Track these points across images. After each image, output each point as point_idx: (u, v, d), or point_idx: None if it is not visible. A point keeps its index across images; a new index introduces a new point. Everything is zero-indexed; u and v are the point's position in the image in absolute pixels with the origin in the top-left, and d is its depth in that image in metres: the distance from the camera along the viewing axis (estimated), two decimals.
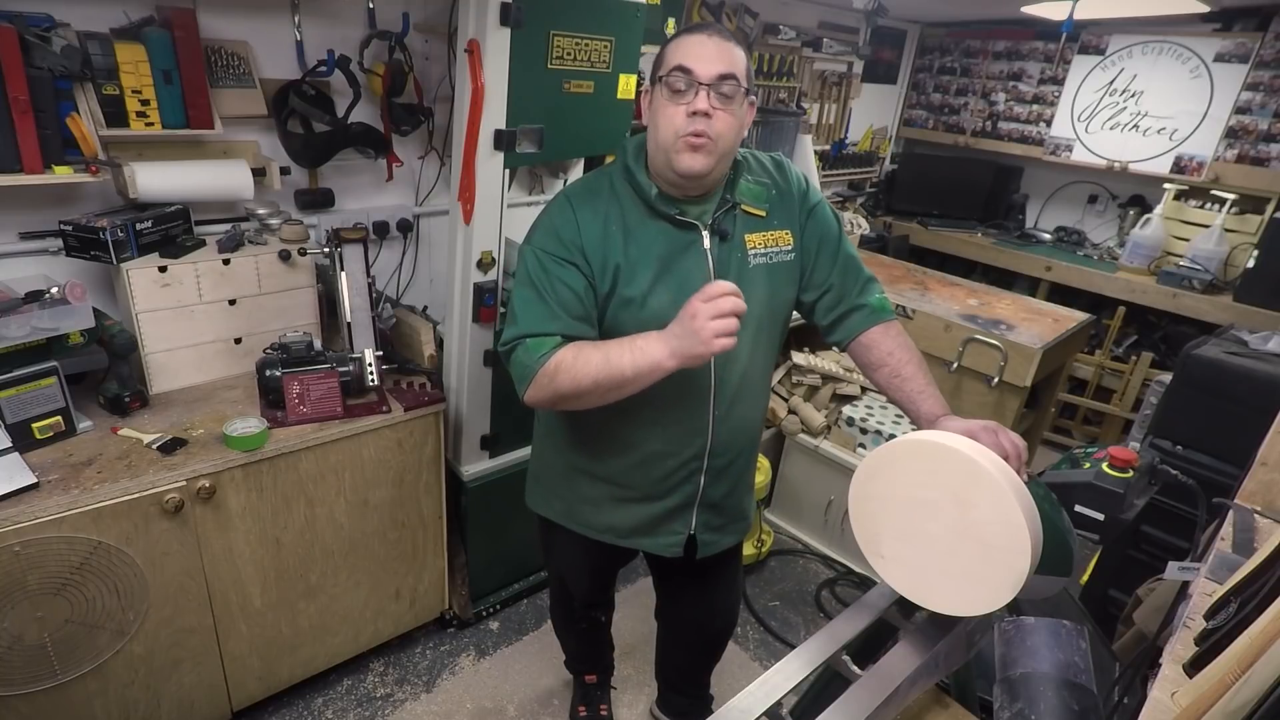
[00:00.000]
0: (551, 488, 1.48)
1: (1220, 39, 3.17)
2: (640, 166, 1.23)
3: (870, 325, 1.32)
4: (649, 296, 1.20)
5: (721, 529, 1.44)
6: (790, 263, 1.30)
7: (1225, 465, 1.86)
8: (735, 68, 1.14)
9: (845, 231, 1.38)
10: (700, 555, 1.43)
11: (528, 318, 1.18)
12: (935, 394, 1.25)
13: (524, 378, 1.17)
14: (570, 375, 1.13)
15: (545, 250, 1.21)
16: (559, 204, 1.25)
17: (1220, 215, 3.17)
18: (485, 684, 2.05)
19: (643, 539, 1.42)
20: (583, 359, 1.12)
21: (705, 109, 1.12)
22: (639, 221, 1.22)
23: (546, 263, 1.20)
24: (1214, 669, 0.75)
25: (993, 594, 0.98)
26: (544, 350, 1.15)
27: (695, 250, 1.22)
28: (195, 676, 1.65)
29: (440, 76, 2.14)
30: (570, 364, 1.13)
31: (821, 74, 3.61)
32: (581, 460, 1.39)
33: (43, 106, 1.45)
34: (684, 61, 1.12)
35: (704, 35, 1.14)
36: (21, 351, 1.45)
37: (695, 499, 1.37)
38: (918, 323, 2.72)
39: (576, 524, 1.46)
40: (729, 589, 1.66)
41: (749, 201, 1.26)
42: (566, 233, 1.20)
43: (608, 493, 1.39)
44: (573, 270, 1.19)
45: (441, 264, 2.38)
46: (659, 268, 1.21)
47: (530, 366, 1.16)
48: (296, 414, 1.65)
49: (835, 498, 2.62)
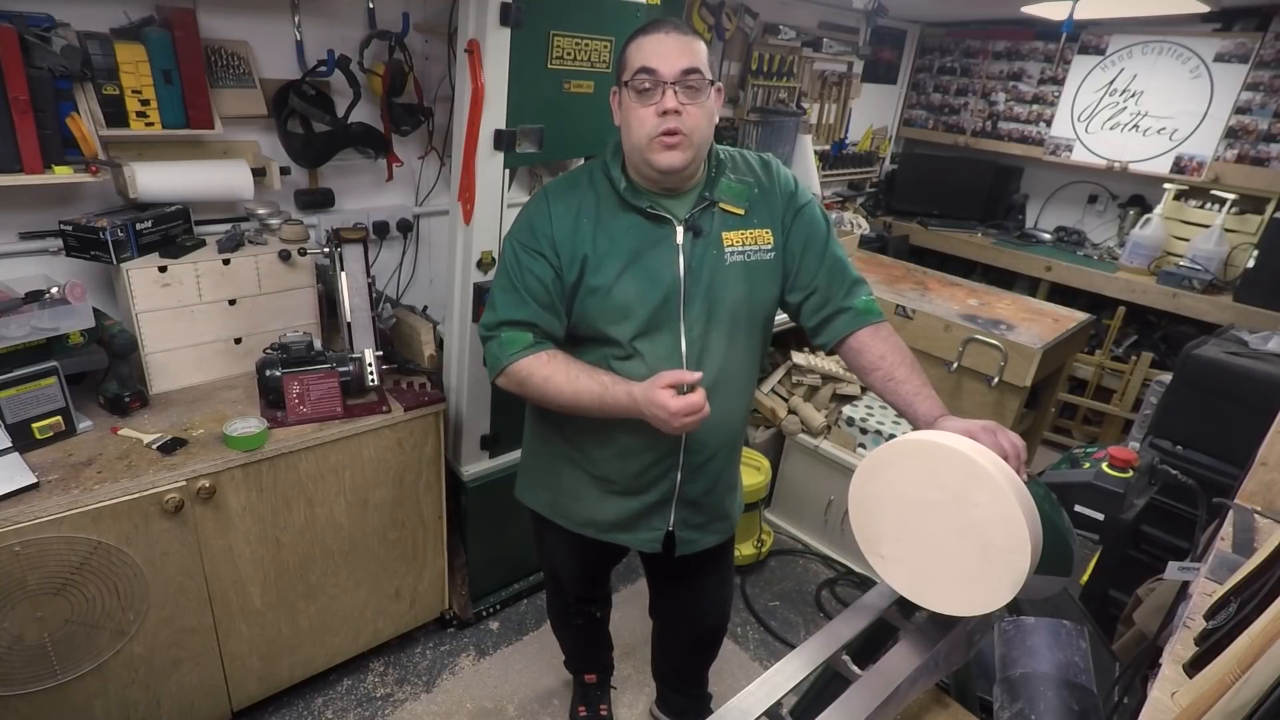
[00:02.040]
0: (538, 478, 1.50)
1: (1220, 39, 3.17)
2: (616, 162, 1.26)
3: (856, 328, 1.32)
4: (614, 286, 1.23)
5: (702, 527, 1.44)
6: (770, 262, 1.31)
7: (1225, 465, 1.86)
8: (697, 60, 1.16)
9: (844, 233, 1.38)
10: (680, 553, 1.44)
11: (501, 304, 1.27)
12: (931, 394, 1.25)
13: (494, 368, 1.28)
14: (538, 392, 1.24)
15: (519, 241, 1.27)
16: (537, 197, 1.30)
17: (1220, 215, 3.17)
18: (485, 684, 2.05)
19: (622, 534, 1.43)
20: (552, 385, 1.22)
21: (674, 107, 1.15)
22: (611, 214, 1.25)
23: (519, 253, 1.26)
24: (1214, 669, 0.75)
25: (993, 594, 0.99)
26: (517, 349, 1.24)
27: (667, 244, 1.25)
28: (195, 676, 1.65)
29: (440, 76, 2.14)
30: (540, 383, 1.23)
31: (821, 74, 3.61)
32: (565, 448, 1.41)
33: (43, 106, 1.45)
34: (647, 62, 1.15)
35: (661, 33, 1.16)
36: (21, 351, 1.45)
37: (673, 495, 1.38)
38: (918, 323, 2.72)
39: (561, 517, 1.47)
40: (717, 588, 1.66)
41: (728, 200, 1.28)
42: (539, 225, 1.26)
43: (588, 483, 1.40)
44: (541, 261, 1.24)
45: (441, 264, 2.38)
46: (628, 259, 1.24)
47: (501, 360, 1.25)
48: (296, 414, 1.65)
49: (835, 498, 2.62)
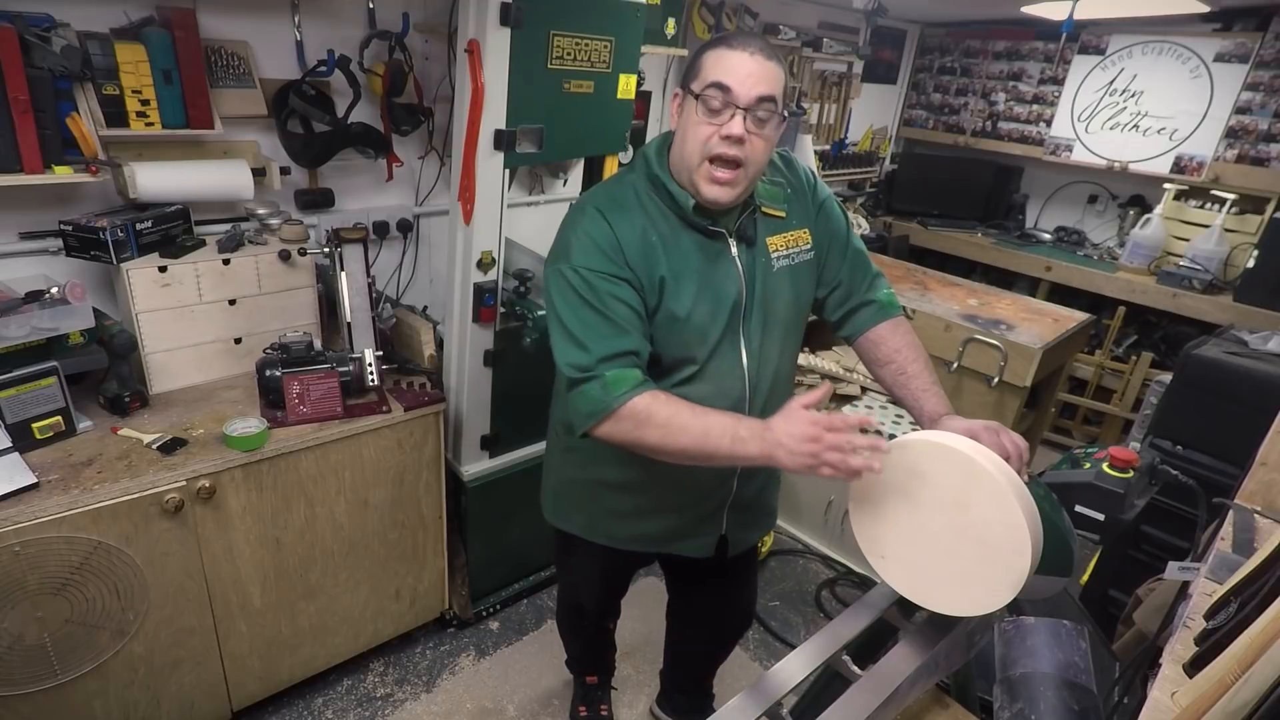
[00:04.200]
0: (574, 502, 1.45)
1: (1220, 39, 3.17)
2: (670, 177, 1.16)
3: (879, 321, 1.32)
4: (693, 310, 1.15)
5: (751, 525, 1.45)
6: (810, 261, 1.28)
7: (1225, 465, 1.86)
8: (775, 89, 1.08)
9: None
10: (732, 554, 1.43)
11: (594, 340, 1.08)
12: (939, 393, 1.25)
13: (596, 413, 1.07)
14: (661, 431, 1.05)
15: (590, 268, 1.10)
16: (590, 218, 1.14)
17: (1220, 215, 3.17)
18: (485, 684, 2.05)
19: (675, 543, 1.40)
20: (679, 422, 1.04)
21: (740, 134, 1.06)
22: (673, 232, 1.16)
23: (595, 281, 1.09)
24: (1214, 669, 0.75)
25: (993, 594, 0.98)
26: (625, 388, 1.06)
27: (725, 258, 1.18)
28: (195, 676, 1.65)
29: (440, 76, 2.14)
30: (664, 420, 1.04)
31: (821, 74, 3.61)
32: (610, 475, 1.35)
33: (43, 106, 1.45)
34: (724, 79, 1.06)
35: (746, 53, 1.07)
36: (21, 351, 1.45)
37: (728, 501, 1.37)
38: (918, 323, 2.71)
39: (600, 536, 1.43)
40: (749, 582, 1.67)
41: (769, 203, 1.23)
42: (608, 246, 1.11)
43: (635, 504, 1.37)
44: (625, 286, 1.11)
45: (441, 264, 2.37)
46: (699, 280, 1.16)
47: (607, 404, 1.06)
48: (296, 414, 1.65)
49: (835, 498, 2.62)
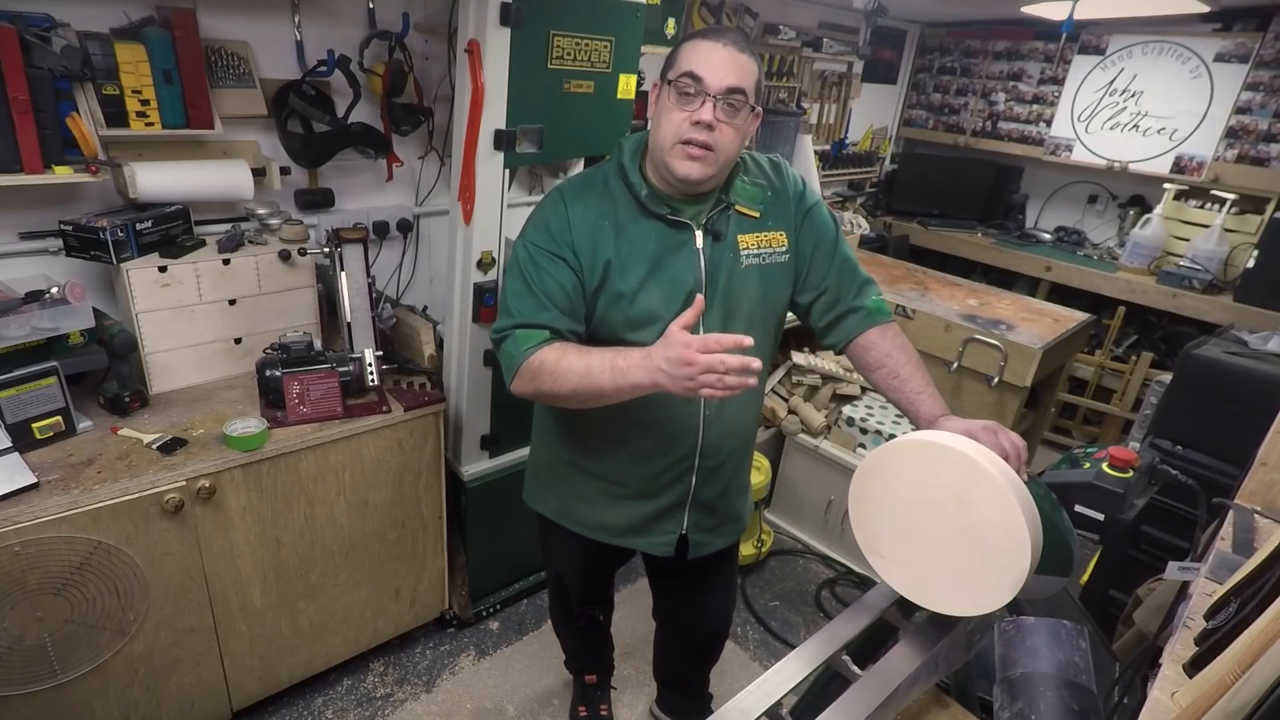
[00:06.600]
0: (547, 484, 1.49)
1: (1220, 39, 3.18)
2: (634, 165, 1.23)
3: (867, 328, 1.32)
4: (639, 293, 1.21)
5: (714, 530, 1.44)
6: (784, 264, 1.30)
7: (1225, 465, 1.86)
8: (745, 81, 1.13)
9: (844, 232, 1.38)
10: (692, 555, 1.43)
11: (519, 308, 1.20)
12: (934, 394, 1.25)
13: (510, 368, 1.19)
14: (551, 377, 1.14)
15: (536, 244, 1.22)
16: (552, 199, 1.26)
17: (1220, 215, 3.17)
18: (485, 684, 2.05)
19: (635, 538, 1.42)
20: (565, 365, 1.13)
21: (709, 120, 1.12)
22: (631, 219, 1.22)
23: (537, 256, 1.21)
24: (1214, 669, 0.75)
25: (993, 594, 0.98)
26: (531, 343, 1.17)
27: (687, 249, 1.23)
28: (195, 676, 1.65)
29: (440, 76, 2.14)
30: (553, 366, 1.13)
31: (821, 74, 3.61)
32: (575, 455, 1.40)
33: (43, 106, 1.45)
34: (695, 68, 1.12)
35: (719, 44, 1.13)
36: (21, 351, 1.45)
37: (687, 499, 1.37)
38: (918, 323, 2.71)
39: (570, 522, 1.46)
40: (723, 591, 1.66)
41: (744, 202, 1.26)
42: (556, 227, 1.21)
43: (600, 489, 1.40)
44: (562, 265, 1.20)
45: (441, 264, 2.37)
46: (650, 265, 1.21)
47: (516, 357, 1.17)
48: (296, 414, 1.65)
49: (835, 498, 2.62)
